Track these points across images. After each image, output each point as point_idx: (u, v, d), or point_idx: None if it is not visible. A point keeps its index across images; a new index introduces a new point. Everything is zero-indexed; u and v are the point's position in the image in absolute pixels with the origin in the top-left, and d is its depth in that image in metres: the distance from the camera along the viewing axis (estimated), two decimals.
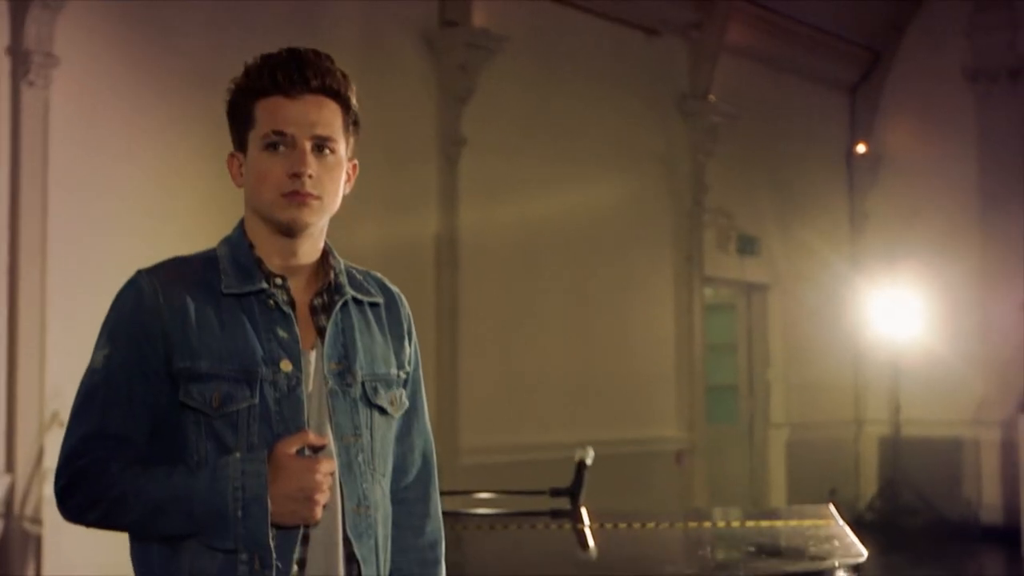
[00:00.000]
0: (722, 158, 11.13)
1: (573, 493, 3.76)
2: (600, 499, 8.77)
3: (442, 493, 3.86)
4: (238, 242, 2.12)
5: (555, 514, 3.83)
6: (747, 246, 11.67)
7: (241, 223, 2.14)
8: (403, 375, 2.22)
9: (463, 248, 8.84)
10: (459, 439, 8.66)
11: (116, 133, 6.83)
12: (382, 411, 2.14)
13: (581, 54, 9.92)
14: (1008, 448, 11.77)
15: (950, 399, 12.10)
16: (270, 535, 1.96)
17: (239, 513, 1.95)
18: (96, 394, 2.02)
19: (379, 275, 2.28)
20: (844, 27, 12.46)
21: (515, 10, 9.29)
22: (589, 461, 3.79)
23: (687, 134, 10.94)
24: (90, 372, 2.04)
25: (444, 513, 3.75)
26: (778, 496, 11.85)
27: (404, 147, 8.61)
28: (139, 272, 2.07)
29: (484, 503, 4.27)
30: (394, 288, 2.28)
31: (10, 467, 6.41)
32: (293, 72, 2.06)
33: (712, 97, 11.02)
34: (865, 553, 3.24)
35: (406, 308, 2.29)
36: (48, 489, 6.39)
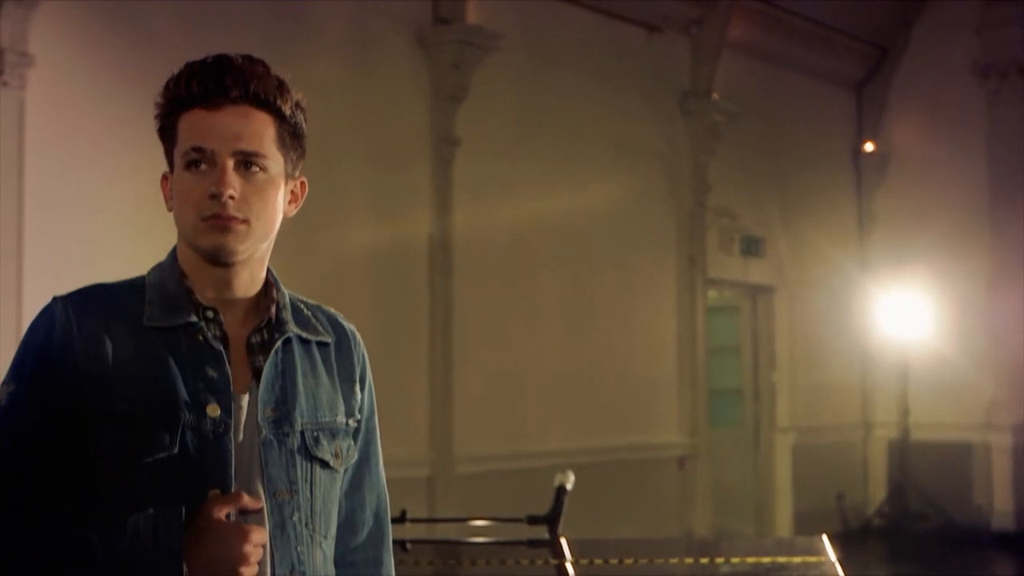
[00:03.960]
0: (725, 157, 10.92)
1: (551, 521, 3.53)
2: (601, 507, 8.62)
3: (408, 520, 3.67)
4: (169, 270, 1.90)
5: (532, 543, 3.59)
6: (751, 247, 11.46)
7: (174, 249, 1.93)
8: (352, 423, 1.98)
9: (457, 250, 8.64)
10: (453, 447, 8.47)
11: (93, 134, 6.64)
12: (324, 464, 1.91)
13: (579, 51, 9.71)
14: (1020, 453, 11.61)
15: (960, 402, 11.90)
16: None
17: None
18: None
19: (332, 311, 2.05)
20: (850, 23, 12.24)
21: (510, 6, 9.09)
22: (569, 486, 3.56)
23: (689, 133, 10.74)
24: None
25: (414, 541, 3.54)
26: (784, 502, 11.64)
27: (396, 147, 8.43)
28: (55, 299, 1.85)
29: (457, 528, 4.05)
30: (348, 326, 2.05)
31: None
32: (210, 81, 1.84)
33: (715, 95, 10.81)
34: None
35: (360, 348, 2.04)
36: None
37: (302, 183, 1.97)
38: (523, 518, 3.58)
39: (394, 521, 2.54)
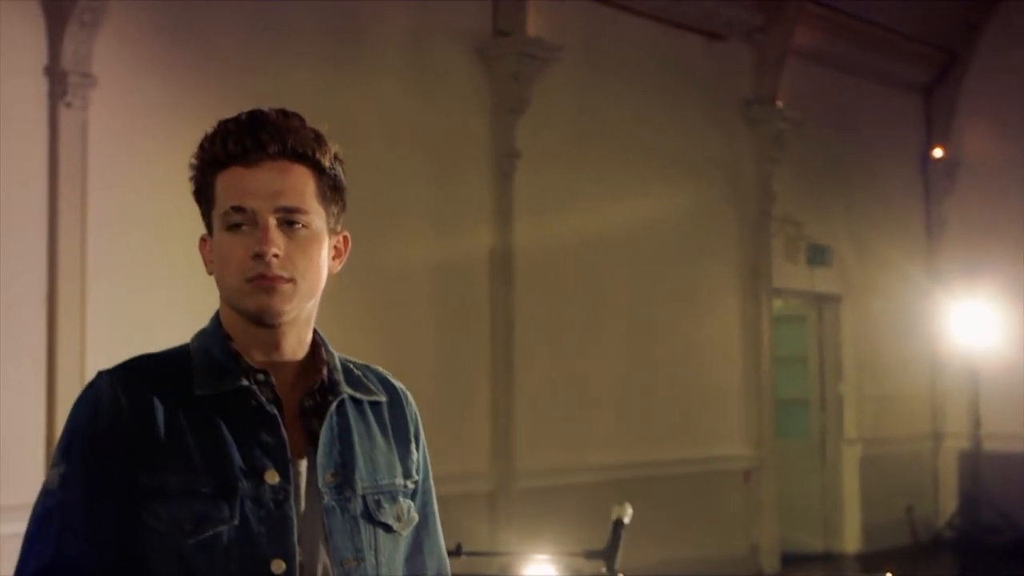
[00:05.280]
0: (789, 165, 10.77)
1: (608, 556, 3.47)
2: (665, 521, 8.52)
3: (464, 554, 3.63)
4: (214, 334, 1.84)
5: None
6: (817, 256, 11.30)
7: (217, 314, 1.88)
8: (411, 485, 1.93)
9: (519, 263, 8.60)
10: (515, 461, 8.41)
11: (156, 155, 6.65)
12: (387, 529, 1.86)
13: (640, 61, 9.63)
14: None
15: None
16: None
17: None
18: (50, 520, 1.74)
19: (381, 370, 2.00)
20: (917, 27, 12.02)
21: (570, 17, 9.03)
22: (627, 519, 3.49)
23: (752, 141, 10.60)
24: (44, 493, 1.77)
25: None
26: (852, 515, 11.46)
27: (457, 160, 8.40)
28: (100, 374, 1.81)
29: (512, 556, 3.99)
30: (398, 384, 1.99)
31: None
32: (247, 138, 1.78)
33: (779, 102, 10.66)
34: None
35: (413, 407, 1.99)
36: None
37: (345, 238, 1.91)
38: (580, 553, 3.52)
39: (449, 554, 2.48)
